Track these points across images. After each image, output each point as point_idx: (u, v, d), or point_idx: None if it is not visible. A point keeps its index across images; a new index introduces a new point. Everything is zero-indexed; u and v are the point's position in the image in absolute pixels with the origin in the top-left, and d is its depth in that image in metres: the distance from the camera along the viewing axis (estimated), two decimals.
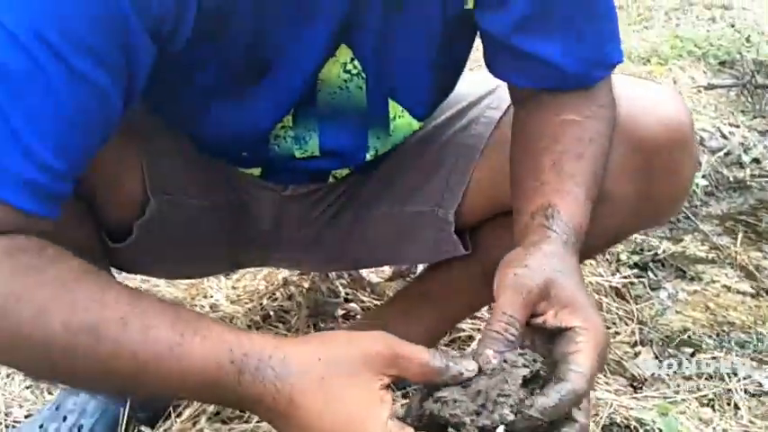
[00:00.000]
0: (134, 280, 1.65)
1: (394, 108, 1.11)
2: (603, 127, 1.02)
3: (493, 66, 1.10)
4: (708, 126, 2.76)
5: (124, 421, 1.25)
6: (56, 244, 0.82)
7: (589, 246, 1.20)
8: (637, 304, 1.86)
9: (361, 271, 1.72)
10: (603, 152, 1.01)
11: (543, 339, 0.84)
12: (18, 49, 0.76)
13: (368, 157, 1.15)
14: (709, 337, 1.80)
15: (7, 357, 0.81)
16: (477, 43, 1.10)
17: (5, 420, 1.34)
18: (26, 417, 1.34)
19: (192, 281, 1.69)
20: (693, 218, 2.31)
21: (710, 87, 3.08)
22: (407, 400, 0.84)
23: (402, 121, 1.13)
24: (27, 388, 1.42)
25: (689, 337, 1.79)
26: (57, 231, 0.87)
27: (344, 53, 1.02)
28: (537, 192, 0.95)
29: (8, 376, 1.44)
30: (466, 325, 1.59)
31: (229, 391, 0.75)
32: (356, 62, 1.03)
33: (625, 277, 1.93)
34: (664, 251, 2.10)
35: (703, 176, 2.47)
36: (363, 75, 1.04)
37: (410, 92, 1.10)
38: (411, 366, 0.76)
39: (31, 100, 0.77)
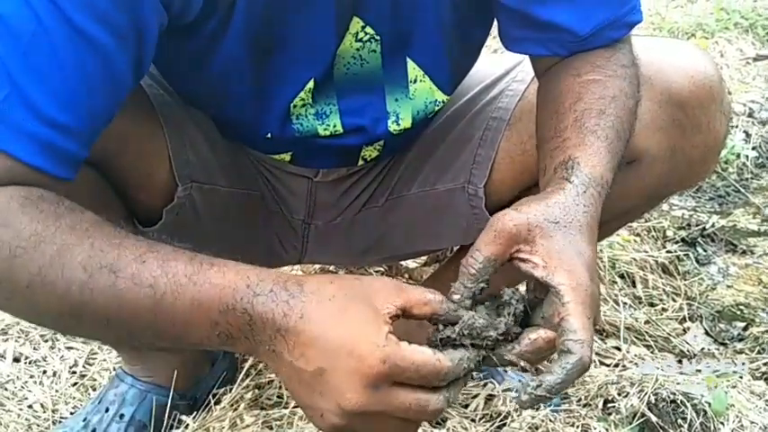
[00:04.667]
0: None
1: (414, 70, 1.11)
2: (626, 85, 1.00)
3: (509, 40, 1.09)
4: (757, 97, 2.69)
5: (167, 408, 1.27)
6: None
7: (627, 207, 1.18)
8: (685, 280, 1.81)
9: None
10: (628, 109, 0.99)
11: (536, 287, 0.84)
12: (23, 5, 0.78)
13: (390, 125, 1.14)
14: (763, 310, 1.74)
15: (27, 300, 0.81)
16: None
17: (53, 417, 1.36)
18: (71, 414, 1.36)
19: None
20: (744, 190, 2.24)
21: (759, 59, 2.99)
22: None
23: (423, 85, 1.12)
24: (73, 385, 1.44)
25: (741, 311, 1.73)
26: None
27: (356, 24, 1.03)
28: (559, 148, 0.93)
29: (54, 374, 1.46)
30: None
31: (240, 315, 0.76)
32: (368, 28, 1.03)
33: (671, 252, 1.87)
34: (713, 225, 2.04)
35: (753, 148, 2.40)
36: (377, 37, 1.05)
37: (427, 49, 1.09)
38: (415, 299, 0.78)
39: (34, 57, 0.79)
